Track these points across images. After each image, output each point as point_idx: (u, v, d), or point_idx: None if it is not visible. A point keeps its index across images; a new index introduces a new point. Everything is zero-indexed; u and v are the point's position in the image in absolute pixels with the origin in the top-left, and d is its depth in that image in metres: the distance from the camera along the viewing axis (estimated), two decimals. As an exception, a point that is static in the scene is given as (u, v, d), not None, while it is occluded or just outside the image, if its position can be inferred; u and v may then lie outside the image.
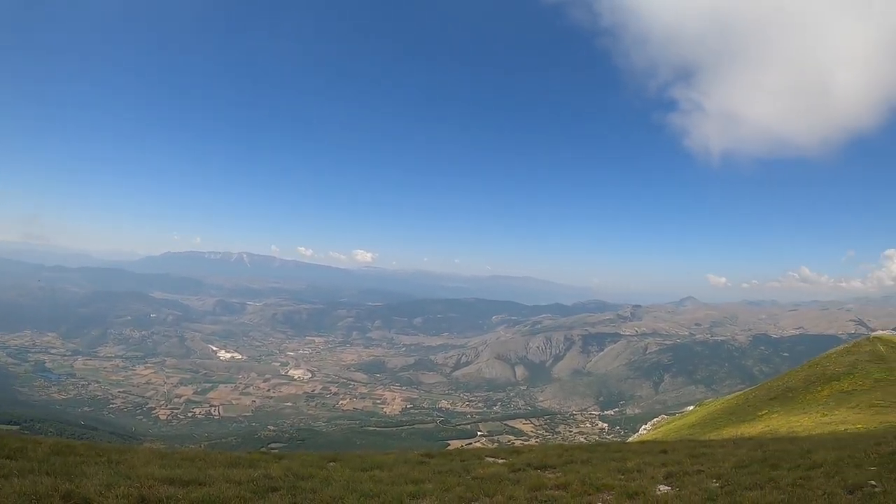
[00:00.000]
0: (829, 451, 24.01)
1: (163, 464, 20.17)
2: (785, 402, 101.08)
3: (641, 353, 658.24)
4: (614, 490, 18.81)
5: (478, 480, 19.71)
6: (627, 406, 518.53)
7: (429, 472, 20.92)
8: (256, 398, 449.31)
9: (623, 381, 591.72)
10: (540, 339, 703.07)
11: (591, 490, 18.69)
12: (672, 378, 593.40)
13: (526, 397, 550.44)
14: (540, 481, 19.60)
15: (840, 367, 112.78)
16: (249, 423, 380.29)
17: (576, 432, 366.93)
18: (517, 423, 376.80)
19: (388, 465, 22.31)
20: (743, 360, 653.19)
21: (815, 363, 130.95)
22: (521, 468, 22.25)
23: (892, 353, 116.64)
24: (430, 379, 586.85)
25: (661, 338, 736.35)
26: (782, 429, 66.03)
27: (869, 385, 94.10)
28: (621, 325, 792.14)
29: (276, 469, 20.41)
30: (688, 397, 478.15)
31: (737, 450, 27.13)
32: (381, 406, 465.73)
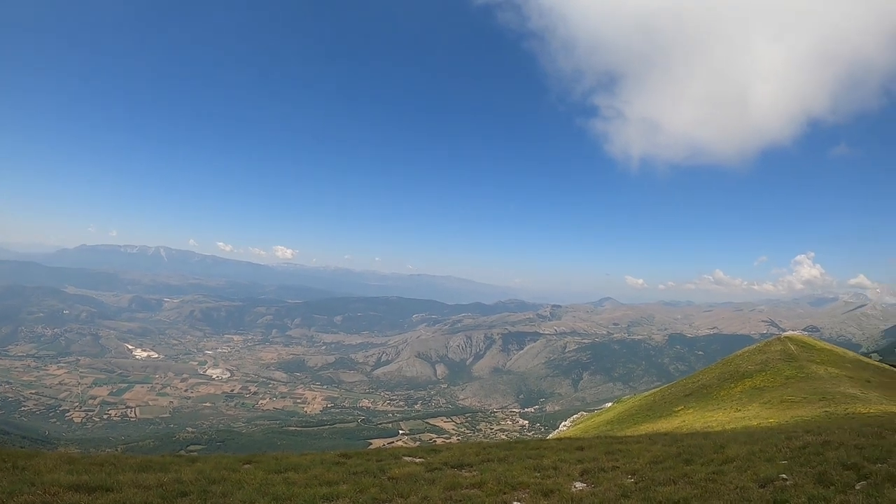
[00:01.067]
0: (741, 446, 24.36)
1: (71, 469, 19.42)
2: (700, 399, 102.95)
3: (561, 351, 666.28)
4: (530, 488, 18.75)
5: (393, 481, 19.45)
6: (547, 403, 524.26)
7: (344, 473, 20.55)
8: (174, 399, 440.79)
9: (543, 378, 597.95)
10: (460, 337, 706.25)
11: (506, 489, 18.60)
12: (591, 376, 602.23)
13: (447, 395, 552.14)
14: (456, 480, 19.43)
15: (753, 365, 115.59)
16: (167, 424, 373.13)
17: (497, 430, 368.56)
18: (438, 422, 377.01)
19: (304, 467, 21.80)
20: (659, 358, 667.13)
21: (728, 361, 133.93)
22: (437, 467, 22.01)
23: (801, 351, 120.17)
24: (351, 378, 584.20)
25: (580, 337, 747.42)
26: (697, 424, 67.15)
27: (780, 382, 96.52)
28: (541, 325, 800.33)
29: (188, 473, 19.82)
30: (606, 394, 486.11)
31: (652, 445, 27.32)
32: (301, 405, 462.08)
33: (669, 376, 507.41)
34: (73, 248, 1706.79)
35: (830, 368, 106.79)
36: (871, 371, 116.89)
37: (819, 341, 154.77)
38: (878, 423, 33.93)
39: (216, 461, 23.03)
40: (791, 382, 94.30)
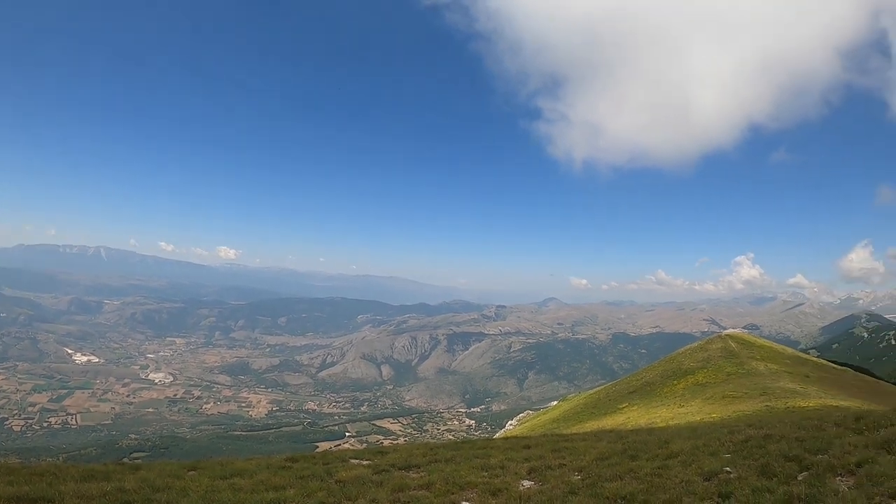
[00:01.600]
0: (685, 441, 24.64)
1: (10, 481, 18.83)
2: (644, 396, 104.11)
3: (506, 351, 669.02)
4: (478, 487, 18.74)
5: (341, 484, 19.27)
6: (493, 403, 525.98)
7: (291, 478, 20.31)
8: (116, 405, 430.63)
9: (488, 378, 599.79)
10: (406, 338, 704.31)
11: (454, 489, 18.56)
12: (536, 375, 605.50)
13: (393, 397, 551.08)
14: (404, 482, 19.34)
15: (695, 363, 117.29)
16: (109, 431, 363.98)
17: (444, 430, 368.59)
18: (385, 423, 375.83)
19: (250, 472, 21.48)
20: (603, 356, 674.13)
21: (671, 359, 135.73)
22: (385, 469, 21.88)
23: (742, 349, 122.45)
24: (295, 380, 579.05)
25: (525, 336, 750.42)
26: (642, 421, 67.88)
27: (722, 378, 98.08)
28: (486, 325, 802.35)
29: (132, 481, 19.38)
30: (551, 393, 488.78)
31: (598, 442, 27.52)
32: (246, 409, 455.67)
33: (614, 374, 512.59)
34: (11, 247, 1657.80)
35: (770, 365, 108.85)
36: (809, 367, 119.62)
37: (759, 339, 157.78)
38: (817, 416, 34.57)
39: (160, 468, 22.57)
40: (732, 378, 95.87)
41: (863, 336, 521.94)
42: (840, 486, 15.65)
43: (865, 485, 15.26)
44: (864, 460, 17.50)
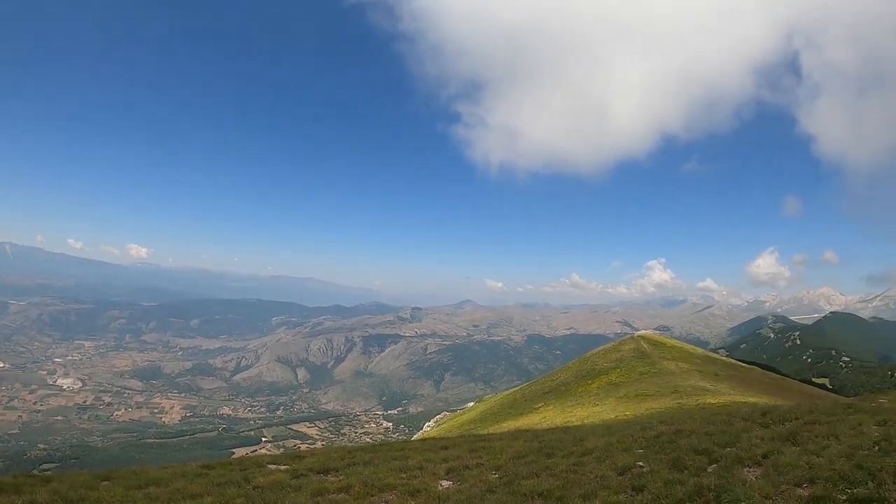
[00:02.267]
0: (600, 438, 25.10)
1: None
2: (559, 396, 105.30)
3: (422, 353, 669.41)
4: (397, 489, 18.77)
5: (259, 490, 19.00)
6: (410, 405, 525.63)
7: (208, 485, 19.92)
8: (23, 413, 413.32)
9: (405, 380, 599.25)
10: (321, 340, 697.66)
11: (373, 491, 18.56)
12: (452, 376, 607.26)
13: (309, 400, 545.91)
14: (322, 486, 19.24)
15: (608, 363, 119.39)
16: (17, 441, 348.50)
17: (361, 433, 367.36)
18: (302, 427, 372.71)
19: (165, 481, 20.93)
20: (519, 358, 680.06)
21: (585, 359, 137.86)
22: (303, 474, 21.69)
23: (653, 349, 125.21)
24: (209, 384, 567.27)
25: (441, 338, 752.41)
26: (558, 420, 68.64)
27: (635, 377, 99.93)
28: (402, 327, 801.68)
29: (43, 494, 18.72)
30: (468, 394, 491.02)
31: (514, 441, 27.78)
32: (159, 416, 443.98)
33: (529, 375, 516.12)
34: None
35: (681, 364, 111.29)
36: (718, 366, 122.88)
37: (670, 339, 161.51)
38: (726, 411, 35.55)
39: (72, 480, 21.87)
40: (645, 378, 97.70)
41: (769, 336, 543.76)
42: (748, 476, 16.21)
43: (772, 475, 15.86)
44: (770, 452, 18.18)
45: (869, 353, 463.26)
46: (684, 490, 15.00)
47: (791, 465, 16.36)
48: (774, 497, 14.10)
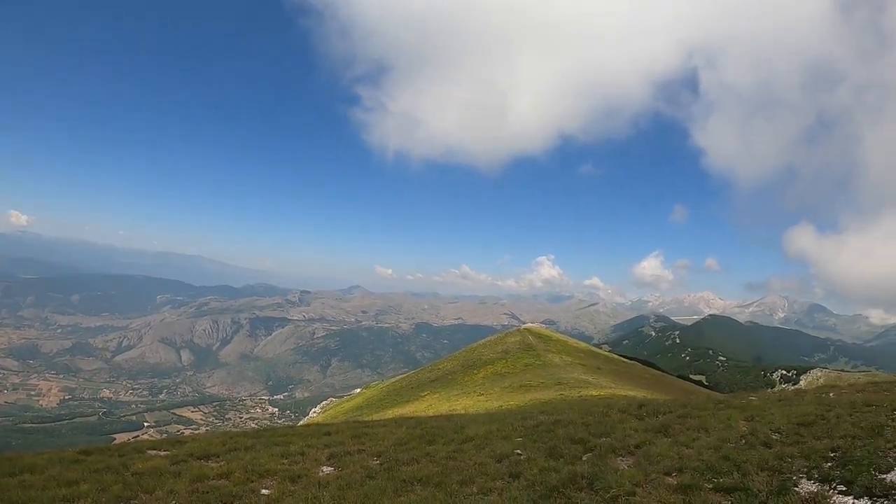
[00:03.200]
0: (481, 426, 25.47)
1: None
2: (445, 384, 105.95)
3: (309, 337, 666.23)
4: (278, 475, 18.69)
5: (137, 476, 18.61)
6: (297, 390, 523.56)
7: (85, 472, 19.35)
8: None
9: (292, 365, 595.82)
10: (207, 321, 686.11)
11: (254, 476, 18.43)
12: (339, 362, 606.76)
13: (193, 383, 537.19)
14: (202, 472, 18.99)
15: (494, 354, 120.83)
16: None
17: (246, 418, 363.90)
18: (186, 412, 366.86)
19: (41, 467, 20.19)
20: (406, 345, 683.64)
21: (472, 349, 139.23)
22: (183, 459, 21.33)
23: (538, 342, 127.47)
24: (89, 365, 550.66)
25: (329, 323, 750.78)
26: (443, 408, 69.12)
27: (520, 368, 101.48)
28: (290, 310, 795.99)
29: (-90, 482, 18.19)
30: (355, 380, 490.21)
31: (397, 428, 27.95)
32: (36, 398, 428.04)
33: (416, 363, 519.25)
34: None
35: (565, 357, 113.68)
36: (601, 360, 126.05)
37: (555, 333, 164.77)
38: (605, 403, 36.45)
39: (-58, 469, 21.03)
40: (530, 369, 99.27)
41: (651, 334, 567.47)
42: (620, 465, 16.82)
43: (643, 464, 16.49)
44: (643, 442, 18.89)
45: (744, 353, 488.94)
46: (559, 477, 15.46)
47: (662, 455, 17.04)
48: (644, 484, 14.68)
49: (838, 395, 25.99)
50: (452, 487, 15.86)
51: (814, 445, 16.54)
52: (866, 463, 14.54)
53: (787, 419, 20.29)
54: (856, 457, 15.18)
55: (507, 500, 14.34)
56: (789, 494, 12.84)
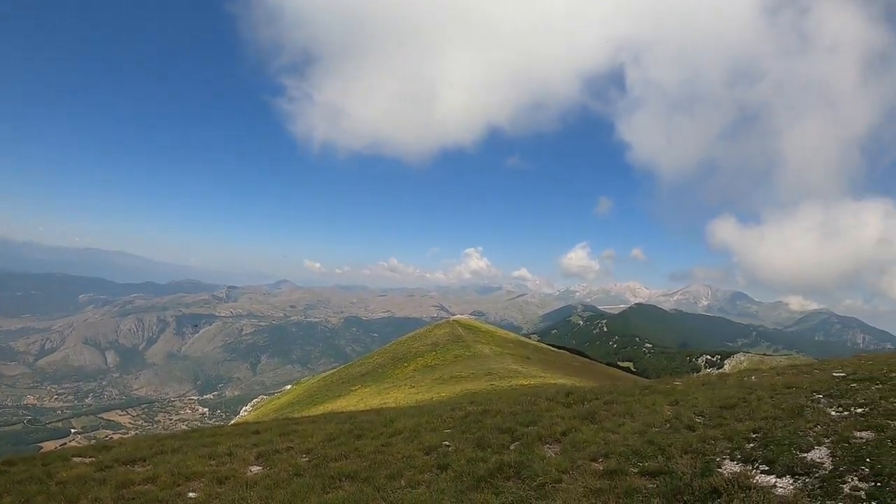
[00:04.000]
0: (410, 419, 25.47)
1: None
2: (376, 378, 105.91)
3: (238, 334, 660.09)
4: (205, 477, 18.41)
5: (61, 485, 18.12)
6: (226, 389, 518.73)
7: (7, 484, 18.67)
8: None
9: (221, 363, 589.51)
10: (132, 320, 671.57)
11: (180, 480, 18.15)
12: (269, 359, 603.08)
13: (120, 386, 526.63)
14: (128, 477, 18.62)
15: (424, 346, 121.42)
16: None
17: (176, 420, 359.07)
18: (113, 416, 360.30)
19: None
20: (336, 340, 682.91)
21: (402, 342, 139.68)
22: (109, 465, 20.86)
23: (468, 333, 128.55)
24: (11, 370, 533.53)
25: (257, 319, 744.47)
26: (374, 402, 69.02)
27: (450, 360, 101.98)
28: (217, 307, 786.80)
29: None
30: (285, 377, 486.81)
31: (327, 424, 27.80)
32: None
33: (346, 357, 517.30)
34: None
35: (495, 347, 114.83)
36: (530, 350, 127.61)
37: (485, 324, 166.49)
38: (534, 392, 36.81)
39: None
40: (460, 360, 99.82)
41: (579, 323, 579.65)
42: (547, 452, 17.00)
43: (569, 450, 16.69)
44: (569, 429, 19.12)
45: (670, 340, 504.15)
46: (486, 467, 15.58)
47: (588, 441, 17.28)
48: (571, 471, 14.86)
49: (760, 379, 26.57)
50: (380, 482, 15.86)
51: (736, 427, 16.89)
52: (787, 443, 14.91)
53: (711, 403, 20.70)
54: (777, 437, 15.55)
55: (435, 492, 14.39)
56: (713, 475, 13.10)
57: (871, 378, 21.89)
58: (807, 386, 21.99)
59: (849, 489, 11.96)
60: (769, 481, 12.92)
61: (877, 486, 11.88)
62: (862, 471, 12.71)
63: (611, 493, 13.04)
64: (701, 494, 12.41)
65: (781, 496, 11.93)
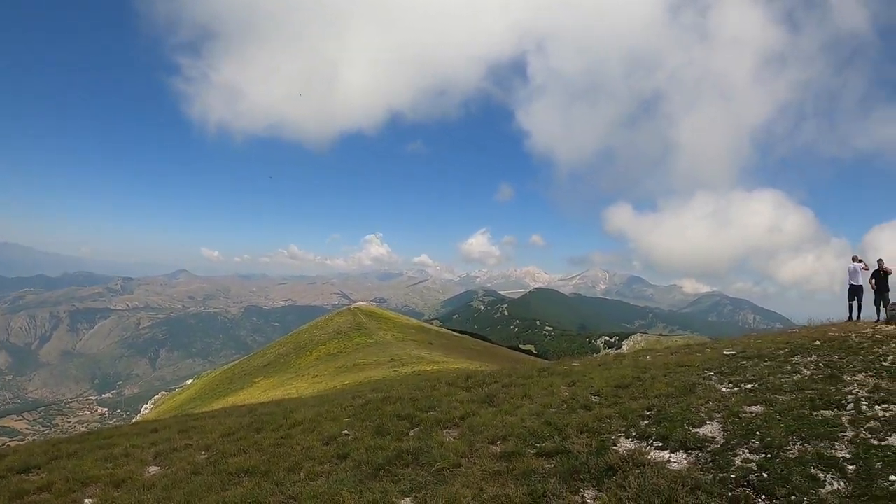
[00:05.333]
0: (310, 409, 25.24)
1: None
2: (279, 368, 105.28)
3: (135, 328, 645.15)
4: (101, 481, 17.81)
5: (-52, 503, 17.60)
6: (126, 386, 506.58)
7: None
8: None
9: (118, 360, 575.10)
10: (23, 317, 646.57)
11: (76, 486, 17.52)
12: (168, 353, 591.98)
13: (14, 389, 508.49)
14: (21, 487, 17.85)
15: (326, 334, 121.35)
16: None
17: (76, 422, 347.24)
18: (8, 422, 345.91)
19: None
20: (237, 330, 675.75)
21: (304, 331, 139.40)
22: (2, 476, 20.04)
23: (369, 320, 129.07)
24: None
25: (155, 311, 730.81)
26: (277, 393, 68.46)
27: (352, 347, 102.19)
28: (112, 300, 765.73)
29: None
30: (186, 371, 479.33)
31: (227, 419, 27.43)
32: None
33: (248, 348, 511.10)
34: None
35: (397, 334, 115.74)
36: (432, 335, 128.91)
37: (386, 311, 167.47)
38: (435, 377, 37.00)
39: None
40: (362, 348, 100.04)
41: (480, 308, 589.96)
42: (446, 437, 17.08)
43: (468, 434, 16.82)
44: (468, 413, 19.29)
45: (570, 323, 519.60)
46: (385, 455, 15.59)
47: (486, 424, 17.44)
48: (469, 455, 14.98)
49: (654, 358, 27.22)
50: (279, 475, 15.69)
51: (631, 406, 17.28)
52: (680, 419, 15.34)
53: (607, 382, 21.10)
54: (670, 414, 15.98)
55: (334, 483, 14.32)
56: (608, 453, 13.39)
57: (760, 355, 22.74)
58: (699, 364, 22.66)
59: (740, 461, 12.38)
60: (663, 457, 13.27)
61: (767, 457, 12.34)
62: (752, 444, 13.20)
63: (509, 475, 13.19)
64: (597, 472, 12.67)
65: (675, 471, 12.25)
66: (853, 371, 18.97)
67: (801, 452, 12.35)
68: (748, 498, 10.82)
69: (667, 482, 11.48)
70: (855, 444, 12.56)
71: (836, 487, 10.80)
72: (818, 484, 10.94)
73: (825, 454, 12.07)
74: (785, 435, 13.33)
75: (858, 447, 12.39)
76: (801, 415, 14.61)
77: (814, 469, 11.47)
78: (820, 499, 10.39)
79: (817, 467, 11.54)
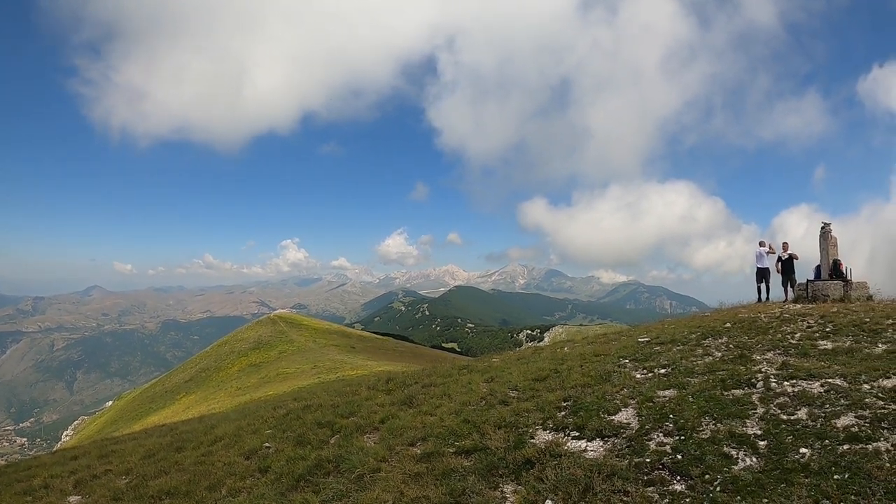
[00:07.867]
0: (231, 423, 24.91)
1: None
2: (201, 383, 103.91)
3: (49, 351, 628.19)
4: (20, 516, 17.54)
5: None
6: (44, 413, 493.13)
7: None
8: None
9: (33, 385, 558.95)
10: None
11: (-8, 525, 17.23)
12: (85, 375, 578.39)
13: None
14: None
15: (247, 344, 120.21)
16: None
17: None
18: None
19: None
20: (155, 346, 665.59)
21: (224, 343, 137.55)
22: None
23: (290, 328, 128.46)
24: None
25: (69, 332, 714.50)
26: (201, 408, 67.60)
27: (274, 356, 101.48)
28: (23, 321, 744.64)
29: None
30: (106, 392, 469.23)
31: (147, 439, 26.91)
32: None
33: (168, 364, 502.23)
34: None
35: (319, 340, 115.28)
36: (354, 339, 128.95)
37: (307, 317, 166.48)
38: (357, 381, 36.79)
39: None
40: (285, 356, 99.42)
41: (401, 309, 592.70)
42: (366, 442, 17.06)
43: (387, 438, 16.82)
44: (388, 416, 19.28)
45: (491, 319, 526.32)
46: (306, 465, 15.53)
47: (406, 426, 17.44)
48: (389, 459, 14.97)
49: (571, 349, 27.53)
50: (201, 494, 15.56)
51: (548, 398, 17.44)
52: (596, 408, 15.55)
53: (525, 376, 21.24)
54: (586, 403, 16.17)
55: (255, 497, 14.25)
56: (526, 447, 13.52)
57: (673, 340, 23.21)
58: (614, 353, 22.98)
59: (655, 445, 12.62)
60: (580, 446, 13.44)
61: (681, 439, 12.60)
62: (666, 427, 13.47)
63: (429, 475, 13.23)
64: (515, 466, 12.78)
65: (592, 459, 12.42)
66: (762, 350, 19.60)
67: (713, 432, 12.67)
68: (663, 480, 11.03)
69: (583, 471, 11.64)
70: (765, 421, 12.97)
71: (748, 463, 11.09)
72: (731, 461, 11.22)
73: (737, 432, 12.42)
74: (697, 416, 13.65)
75: (769, 423, 12.79)
76: (712, 395, 15.00)
77: (726, 447, 11.80)
78: (733, 475, 10.65)
79: (730, 445, 11.88)
